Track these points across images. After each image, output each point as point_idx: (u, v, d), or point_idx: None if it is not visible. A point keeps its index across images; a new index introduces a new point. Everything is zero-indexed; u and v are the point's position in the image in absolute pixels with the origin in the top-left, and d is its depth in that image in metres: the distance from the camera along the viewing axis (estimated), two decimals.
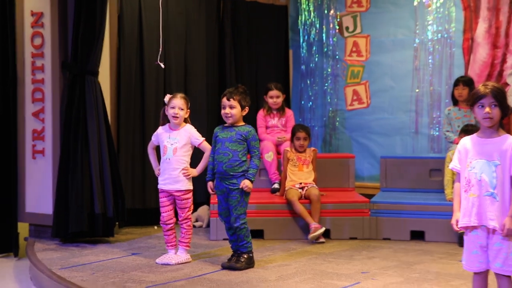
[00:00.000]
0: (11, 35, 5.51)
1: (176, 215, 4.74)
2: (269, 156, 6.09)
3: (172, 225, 4.70)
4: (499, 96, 3.10)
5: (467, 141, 3.23)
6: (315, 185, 5.72)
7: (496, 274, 3.14)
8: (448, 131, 6.02)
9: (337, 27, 7.41)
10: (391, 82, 7.11)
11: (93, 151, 5.28)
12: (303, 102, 7.64)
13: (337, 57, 7.40)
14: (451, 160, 3.41)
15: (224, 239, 5.27)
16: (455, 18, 6.70)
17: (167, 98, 4.71)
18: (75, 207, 5.17)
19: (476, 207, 3.11)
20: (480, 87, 3.16)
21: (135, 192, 6.11)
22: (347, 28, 7.36)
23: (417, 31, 6.94)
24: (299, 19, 7.66)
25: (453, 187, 3.45)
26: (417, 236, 5.49)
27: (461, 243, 4.73)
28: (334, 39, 7.43)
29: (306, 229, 5.45)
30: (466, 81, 6.03)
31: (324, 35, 7.50)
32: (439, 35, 6.81)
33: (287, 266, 4.55)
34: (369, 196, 5.84)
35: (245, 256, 4.48)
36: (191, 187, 4.71)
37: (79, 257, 4.80)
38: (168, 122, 4.72)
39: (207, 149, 4.65)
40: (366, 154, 7.19)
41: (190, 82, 6.54)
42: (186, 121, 4.75)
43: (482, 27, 6.52)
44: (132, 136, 6.11)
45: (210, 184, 4.57)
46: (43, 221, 5.51)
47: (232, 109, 4.45)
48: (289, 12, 7.68)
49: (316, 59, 7.55)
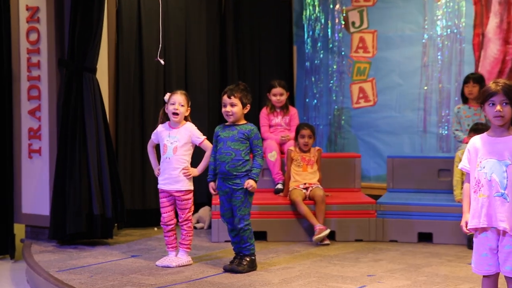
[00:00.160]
0: (6, 30, 5.52)
1: (177, 216, 4.73)
2: (273, 156, 6.06)
3: (172, 226, 4.70)
4: (511, 94, 3.10)
5: (477, 140, 3.23)
6: (319, 186, 5.70)
7: (506, 277, 3.12)
8: (457, 130, 6.03)
9: (343, 22, 7.35)
10: (398, 79, 7.06)
11: (91, 150, 5.26)
12: (307, 100, 7.59)
13: (342, 53, 7.36)
14: (460, 160, 3.49)
15: (226, 241, 5.28)
16: (465, 13, 6.66)
17: (167, 96, 4.69)
18: (73, 208, 5.16)
19: (486, 208, 3.10)
20: (490, 84, 3.17)
21: (134, 192, 6.10)
22: (353, 23, 7.30)
23: (426, 27, 6.88)
24: (304, 14, 7.59)
25: (462, 188, 3.48)
26: (425, 238, 5.47)
27: (470, 245, 4.76)
28: (340, 34, 7.37)
29: (310, 230, 5.43)
30: (476, 78, 6.03)
31: (329, 30, 7.43)
32: (448, 30, 6.76)
33: (291, 268, 4.54)
34: (376, 197, 5.82)
35: (247, 259, 4.47)
36: (191, 188, 4.68)
37: (77, 259, 4.81)
38: (168, 120, 4.69)
39: (208, 148, 4.63)
40: (372, 153, 7.15)
41: (190, 79, 6.53)
42: (186, 119, 4.72)
43: (493, 22, 6.48)
44: (131, 134, 6.10)
45: (212, 185, 4.55)
46: (40, 222, 5.52)
47: (233, 107, 4.45)
48: (293, 7, 7.63)
49: (321, 55, 7.50)
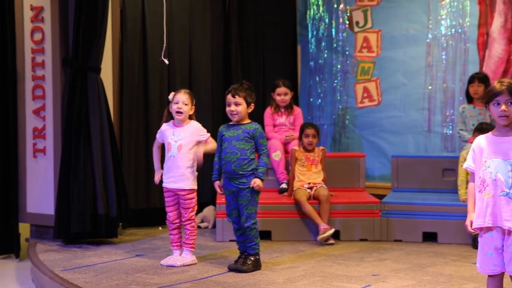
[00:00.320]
0: (10, 30, 5.51)
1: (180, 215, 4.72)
2: (277, 155, 6.04)
3: (178, 224, 4.70)
4: None
5: (481, 140, 3.20)
6: (324, 185, 5.69)
7: (511, 277, 3.10)
8: (462, 129, 5.99)
9: (347, 22, 7.34)
10: (403, 79, 7.03)
11: (95, 150, 5.26)
12: (311, 100, 7.57)
13: (347, 53, 7.34)
14: (465, 159, 3.48)
15: (230, 240, 5.27)
16: (469, 12, 6.63)
17: (172, 95, 4.68)
18: (78, 207, 5.15)
19: (491, 208, 3.07)
20: (495, 84, 3.14)
21: (138, 191, 6.09)
22: (357, 23, 7.28)
23: (430, 26, 6.85)
24: (308, 13, 7.57)
25: (467, 187, 3.42)
26: (430, 237, 5.45)
27: (475, 245, 4.74)
28: (344, 34, 7.35)
29: (315, 230, 5.42)
30: (481, 77, 5.99)
31: (333, 30, 7.41)
32: (453, 30, 6.74)
33: (296, 268, 4.53)
34: (380, 197, 5.80)
35: (252, 258, 4.46)
36: (195, 187, 4.67)
37: (81, 259, 4.80)
38: (173, 119, 4.68)
39: (214, 144, 4.61)
40: (377, 153, 7.13)
41: (195, 79, 6.51)
42: (191, 118, 4.71)
43: (498, 22, 6.45)
44: (136, 134, 6.09)
45: (218, 183, 4.54)
46: (44, 222, 5.51)
47: (237, 106, 4.44)
48: (297, 6, 7.61)
49: (325, 55, 7.47)
